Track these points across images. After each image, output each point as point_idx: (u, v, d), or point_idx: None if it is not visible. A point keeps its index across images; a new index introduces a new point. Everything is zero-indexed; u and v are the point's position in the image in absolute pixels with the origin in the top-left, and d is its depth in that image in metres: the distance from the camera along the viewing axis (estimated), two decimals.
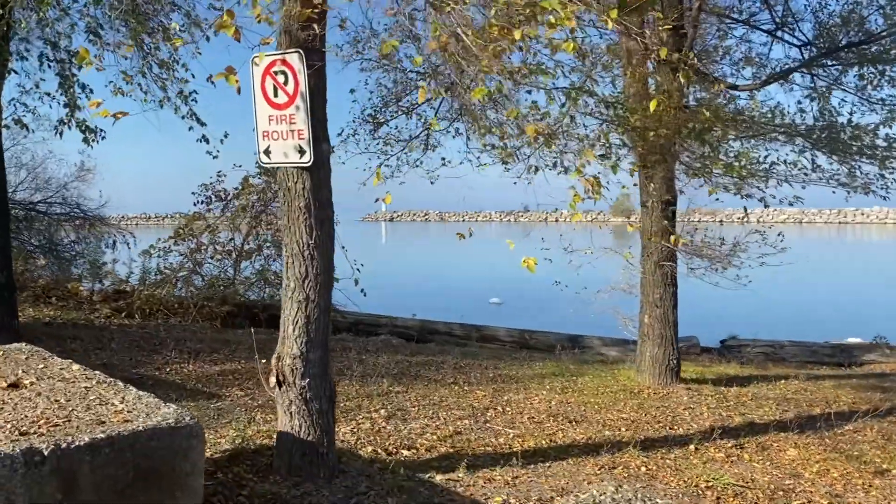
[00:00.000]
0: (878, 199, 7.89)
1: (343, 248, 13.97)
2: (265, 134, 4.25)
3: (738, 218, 8.42)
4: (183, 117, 8.22)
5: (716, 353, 12.48)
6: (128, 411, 2.94)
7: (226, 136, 10.83)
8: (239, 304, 12.01)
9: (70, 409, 2.95)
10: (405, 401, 6.66)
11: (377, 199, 5.20)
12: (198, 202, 14.33)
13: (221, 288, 12.37)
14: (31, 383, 3.24)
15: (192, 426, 2.94)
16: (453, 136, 10.29)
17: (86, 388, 3.24)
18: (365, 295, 13.80)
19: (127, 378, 6.79)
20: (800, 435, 6.50)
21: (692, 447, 5.97)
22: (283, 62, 4.07)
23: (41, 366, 3.58)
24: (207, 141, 8.70)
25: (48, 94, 7.59)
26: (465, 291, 24.95)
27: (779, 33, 7.79)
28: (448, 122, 10.02)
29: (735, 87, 7.85)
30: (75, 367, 3.57)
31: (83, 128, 7.47)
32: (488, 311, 22.77)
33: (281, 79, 4.10)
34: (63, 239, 14.60)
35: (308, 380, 4.29)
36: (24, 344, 4.03)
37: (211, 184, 14.24)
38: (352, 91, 9.41)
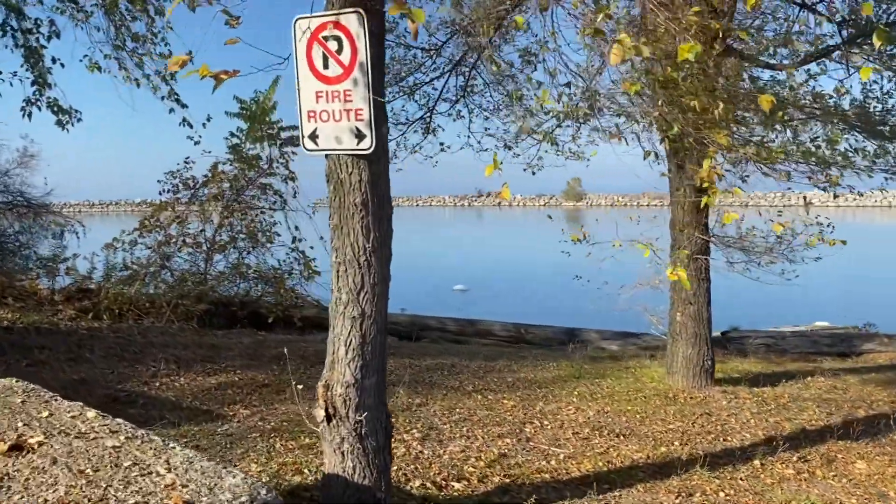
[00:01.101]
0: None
1: (322, 238, 13.10)
2: (311, 115, 3.46)
3: (767, 206, 7.84)
4: (163, 98, 7.30)
5: (719, 346, 12.03)
6: (182, 486, 2.17)
7: (209, 120, 9.91)
8: (215, 302, 11.09)
9: (104, 484, 2.16)
10: (432, 416, 5.94)
11: (489, 194, 4.32)
12: (163, 191, 13.33)
13: (193, 284, 11.41)
14: (40, 443, 2.43)
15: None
16: (454, 119, 9.57)
17: (114, 447, 2.44)
18: None
19: (113, 397, 5.95)
20: (860, 444, 6.00)
21: (757, 463, 5.41)
22: (337, 25, 3.29)
23: (45, 413, 2.76)
24: (191, 125, 7.80)
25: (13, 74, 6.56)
26: (427, 278, 24.24)
27: (818, 7, 7.20)
28: (450, 103, 9.29)
29: (772, 66, 7.26)
30: (90, 413, 2.75)
31: (55, 108, 6.48)
32: (457, 300, 22.25)
33: (333, 46, 3.32)
34: (7, 230, 13.36)
35: (364, 412, 3.55)
36: (13, 380, 3.18)
37: (178, 171, 13.22)
38: None
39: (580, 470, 5.01)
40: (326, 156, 3.49)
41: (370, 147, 3.32)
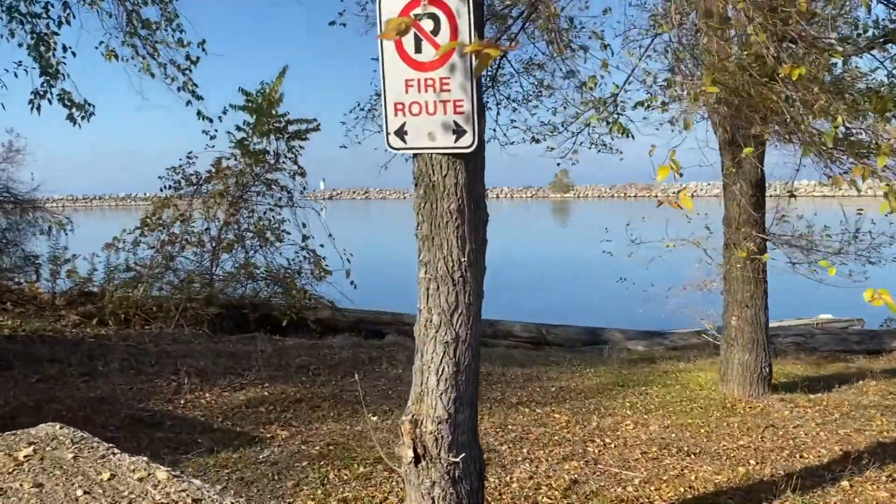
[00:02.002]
0: None
1: (330, 235, 12.62)
2: (398, 107, 2.95)
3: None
4: (179, 89, 6.73)
5: None
6: None
7: (224, 113, 9.38)
8: (226, 305, 10.55)
9: None
10: (484, 434, 5.45)
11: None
12: (165, 187, 12.77)
13: (200, 286, 10.86)
14: None
15: None
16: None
17: None
18: (355, 287, 12.55)
19: (137, 417, 5.41)
20: None
21: (845, 484, 4.97)
22: (433, 1, 2.78)
23: (105, 475, 2.25)
24: (210, 120, 7.26)
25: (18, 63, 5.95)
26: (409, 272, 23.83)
27: None
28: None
29: (830, 52, 6.80)
30: (161, 474, 2.25)
31: (67, 102, 5.90)
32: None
33: (428, 26, 2.81)
34: None
35: (458, 452, 3.06)
36: (57, 427, 2.65)
37: (181, 167, 12.66)
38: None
39: (662, 497, 4.55)
40: (415, 156, 2.98)
41: (471, 145, 2.83)
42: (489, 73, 8.39)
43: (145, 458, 2.40)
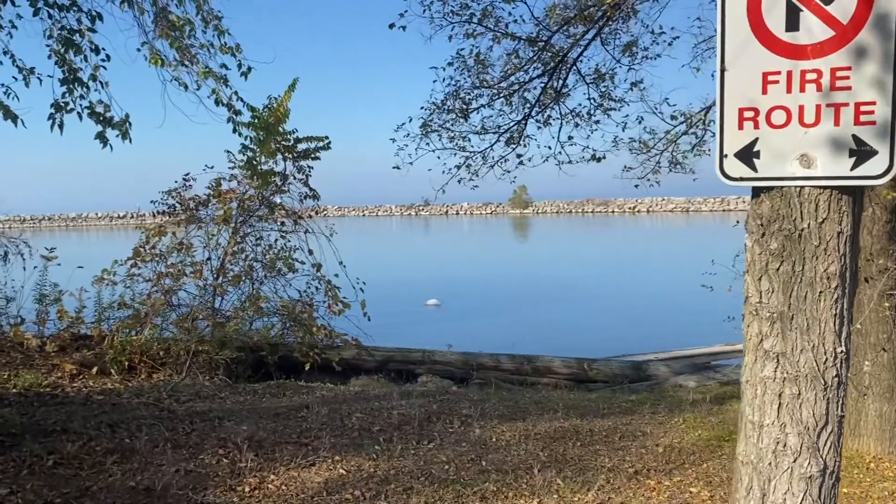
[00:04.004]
0: None
1: (341, 263, 11.52)
2: (745, 115, 1.93)
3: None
4: (220, 104, 5.59)
5: None
6: None
7: (237, 134, 8.23)
8: (241, 347, 9.32)
9: None
10: None
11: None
12: (157, 213, 11.54)
13: (211, 326, 9.62)
14: None
15: None
16: (539, 127, 8.07)
17: None
18: (369, 319, 11.46)
19: None
20: None
21: None
22: None
23: None
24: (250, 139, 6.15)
25: (31, 71, 4.73)
26: (394, 292, 22.98)
27: None
28: (540, 108, 7.77)
29: None
30: None
31: (100, 118, 4.68)
32: (427, 315, 21.08)
33: None
34: None
35: None
36: None
37: (176, 190, 11.44)
38: (448, 66, 6.98)
39: None
40: (765, 189, 1.95)
41: (886, 172, 1.81)
42: (555, 85, 7.41)
43: None
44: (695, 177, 7.84)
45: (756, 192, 1.98)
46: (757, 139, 1.93)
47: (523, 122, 7.44)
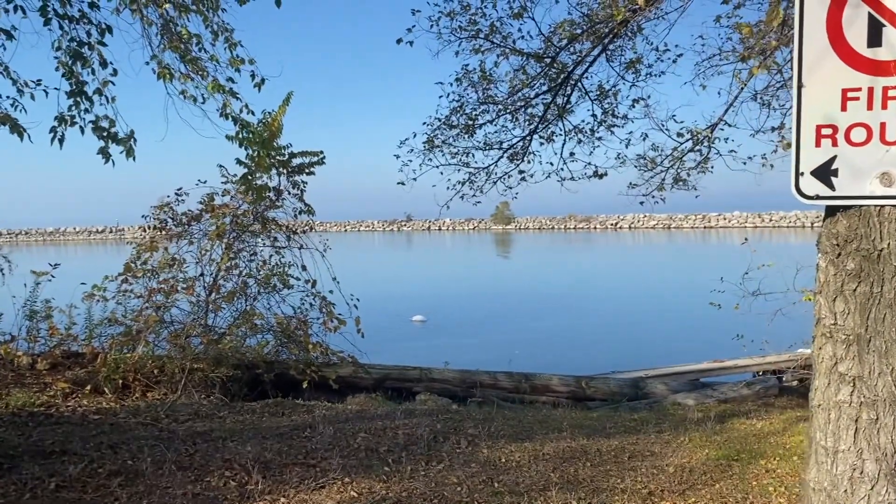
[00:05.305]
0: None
1: (335, 279, 11.44)
2: (823, 132, 1.88)
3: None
4: (228, 117, 5.50)
5: (797, 395, 10.78)
6: None
7: (238, 143, 8.10)
8: (237, 365, 9.18)
9: None
10: None
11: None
12: (148, 228, 11.43)
13: (205, 343, 9.47)
14: None
15: None
16: (542, 143, 8.04)
17: None
18: (363, 336, 11.38)
19: None
20: None
21: None
22: None
23: None
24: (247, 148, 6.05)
25: (36, 82, 4.60)
26: (379, 306, 22.97)
27: None
28: (545, 124, 7.75)
29: None
30: None
31: (104, 134, 4.56)
32: (413, 332, 21.08)
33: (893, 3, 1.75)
34: None
35: None
36: None
37: (168, 205, 11.30)
38: (454, 82, 6.94)
39: None
40: (841, 208, 1.90)
41: None
42: (560, 102, 7.39)
43: None
44: (697, 194, 7.87)
45: (831, 210, 1.94)
46: (835, 157, 1.89)
47: (528, 137, 7.43)
